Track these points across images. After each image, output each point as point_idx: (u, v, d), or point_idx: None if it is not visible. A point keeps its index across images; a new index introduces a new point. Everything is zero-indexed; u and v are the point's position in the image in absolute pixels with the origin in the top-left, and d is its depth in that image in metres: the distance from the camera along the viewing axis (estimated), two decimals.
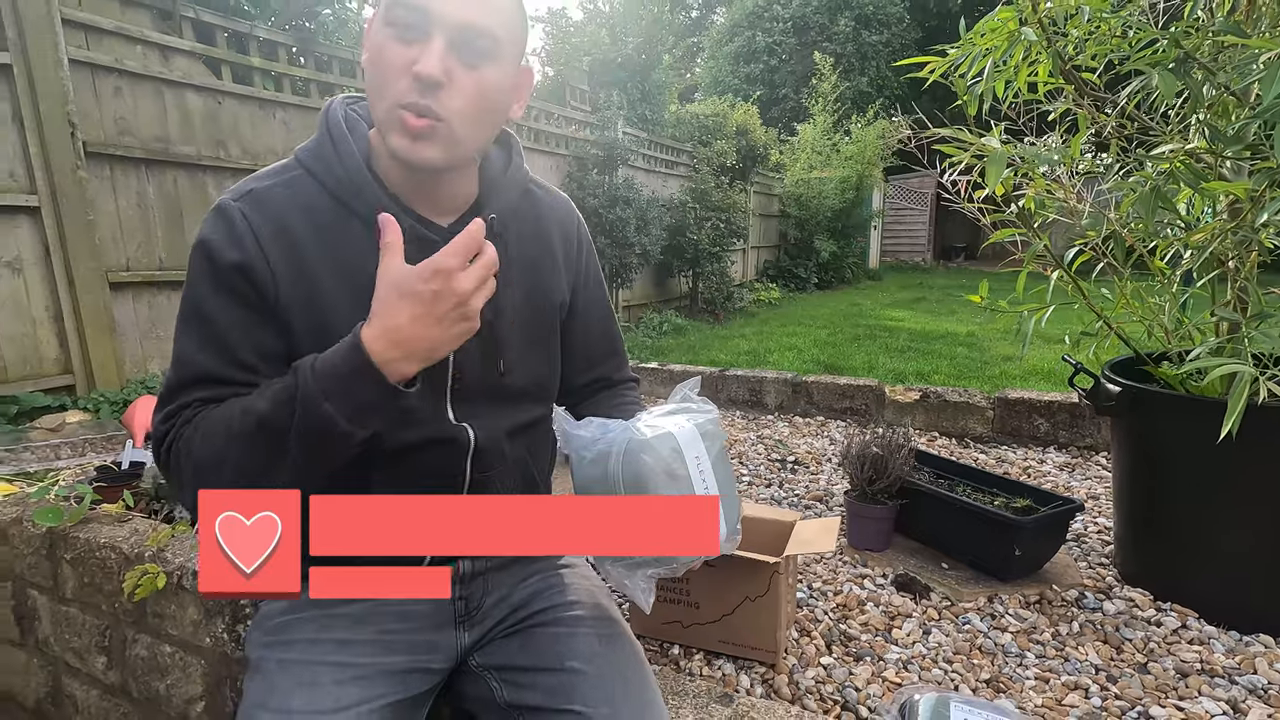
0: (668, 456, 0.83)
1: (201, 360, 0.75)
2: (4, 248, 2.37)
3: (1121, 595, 1.43)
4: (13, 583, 1.61)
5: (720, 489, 0.87)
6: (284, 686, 0.78)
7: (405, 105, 0.71)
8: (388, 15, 0.71)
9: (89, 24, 2.56)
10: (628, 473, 0.83)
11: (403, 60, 0.71)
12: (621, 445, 0.83)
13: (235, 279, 0.75)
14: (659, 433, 0.83)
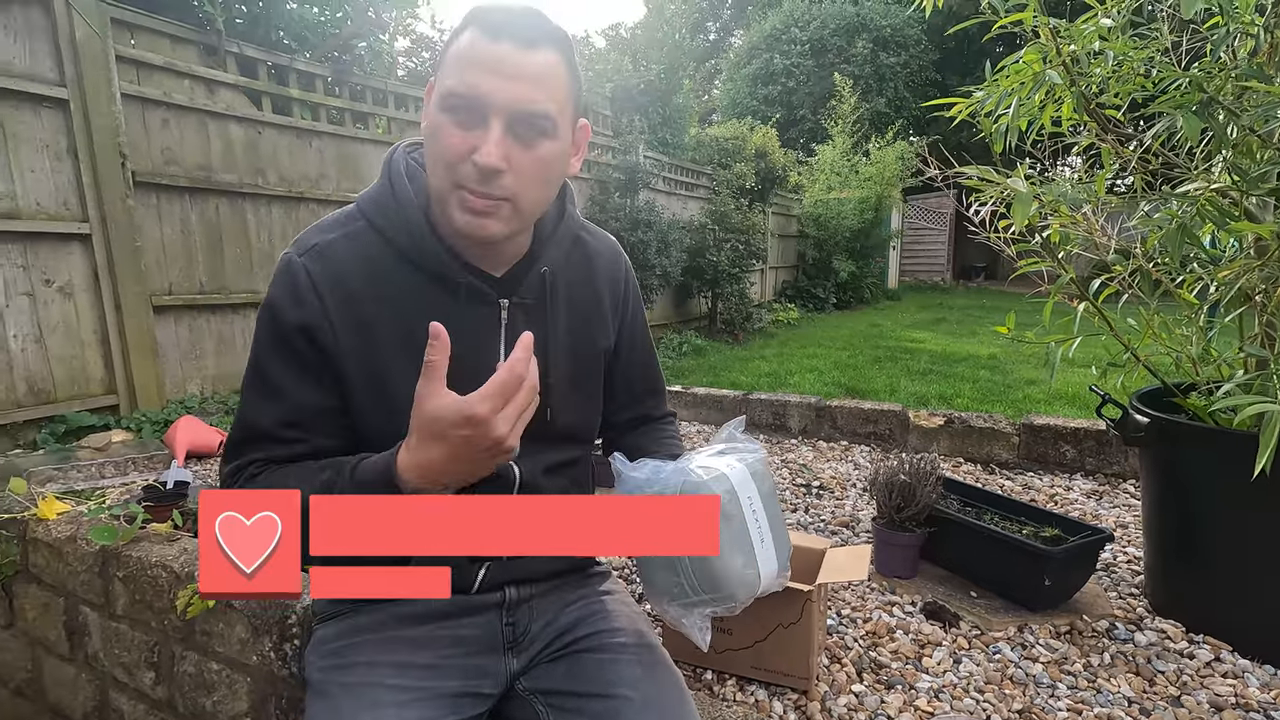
0: (724, 499, 0.86)
1: (261, 421, 0.82)
2: (57, 273, 2.48)
3: (1153, 627, 1.43)
4: (65, 599, 1.67)
5: (771, 527, 0.90)
6: (348, 708, 0.82)
7: (466, 187, 0.75)
8: (443, 101, 0.74)
9: (140, 60, 2.68)
10: None
11: (462, 146, 0.73)
12: (676, 487, 0.87)
13: (297, 340, 0.81)
14: (713, 474, 0.87)
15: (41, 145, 2.42)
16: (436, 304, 0.86)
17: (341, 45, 3.54)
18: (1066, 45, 1.27)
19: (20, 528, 1.71)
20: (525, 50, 0.73)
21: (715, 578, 0.88)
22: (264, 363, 0.82)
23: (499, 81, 0.72)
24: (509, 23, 0.73)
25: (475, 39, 0.73)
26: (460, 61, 0.73)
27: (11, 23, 2.33)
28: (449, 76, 0.74)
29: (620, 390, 1.08)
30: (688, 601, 0.90)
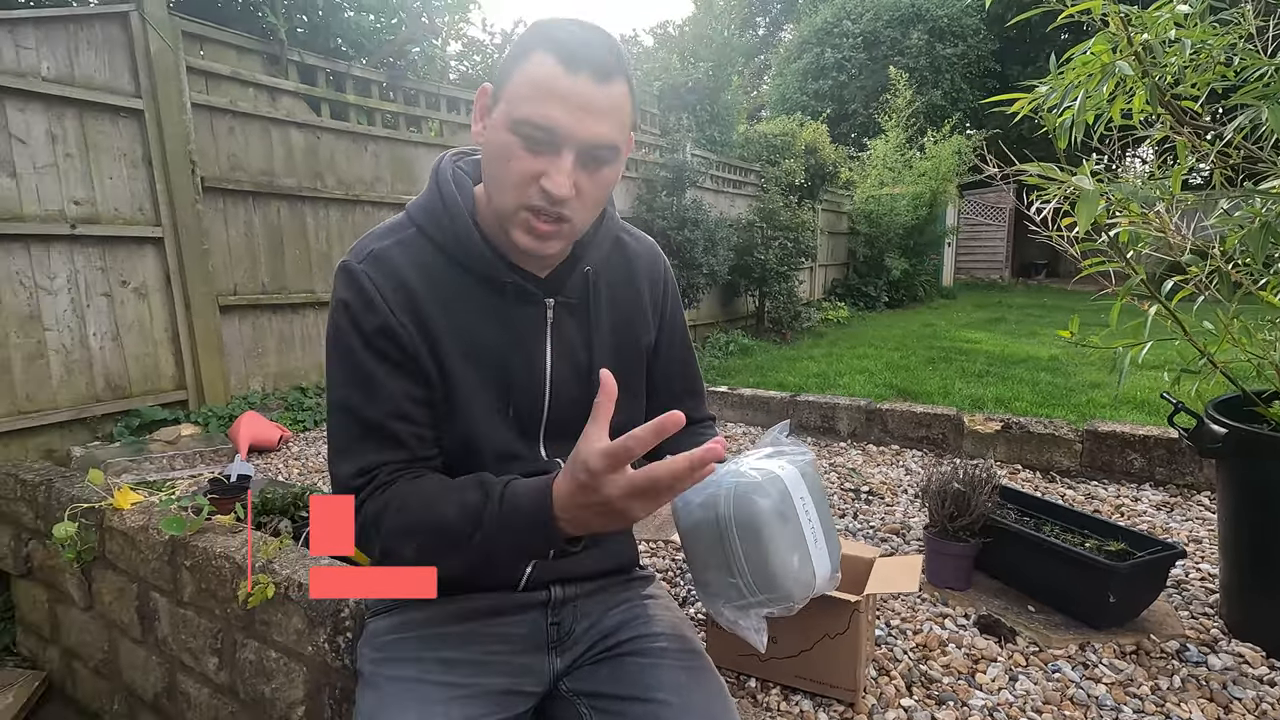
0: (778, 499, 0.86)
1: (373, 414, 0.83)
2: (133, 275, 2.61)
3: (1229, 650, 1.34)
4: (137, 585, 1.76)
5: (823, 528, 0.90)
6: (397, 702, 0.84)
7: (533, 209, 0.77)
8: (515, 127, 0.74)
9: (209, 70, 2.80)
10: (740, 514, 0.87)
11: (531, 170, 0.75)
12: (730, 488, 0.86)
13: (381, 341, 0.83)
14: (768, 475, 0.87)
15: (119, 154, 2.56)
16: (486, 304, 0.88)
17: (396, 51, 3.63)
18: (1139, 34, 1.21)
19: (98, 516, 1.81)
20: (601, 84, 0.74)
21: (773, 578, 0.88)
22: (357, 363, 0.83)
23: (577, 116, 0.74)
24: (587, 55, 0.74)
25: (553, 69, 0.73)
26: (538, 90, 0.73)
27: (93, 39, 2.47)
28: (526, 104, 0.74)
29: (659, 389, 1.08)
30: (744, 603, 0.90)
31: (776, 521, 0.87)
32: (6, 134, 2.27)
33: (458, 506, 0.77)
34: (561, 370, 0.93)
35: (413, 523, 0.79)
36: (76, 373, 2.48)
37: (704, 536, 0.91)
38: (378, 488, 0.82)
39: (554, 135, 0.74)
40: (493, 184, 0.81)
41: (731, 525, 0.88)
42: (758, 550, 0.88)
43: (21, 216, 2.31)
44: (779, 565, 0.88)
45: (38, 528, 2.00)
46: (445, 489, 0.81)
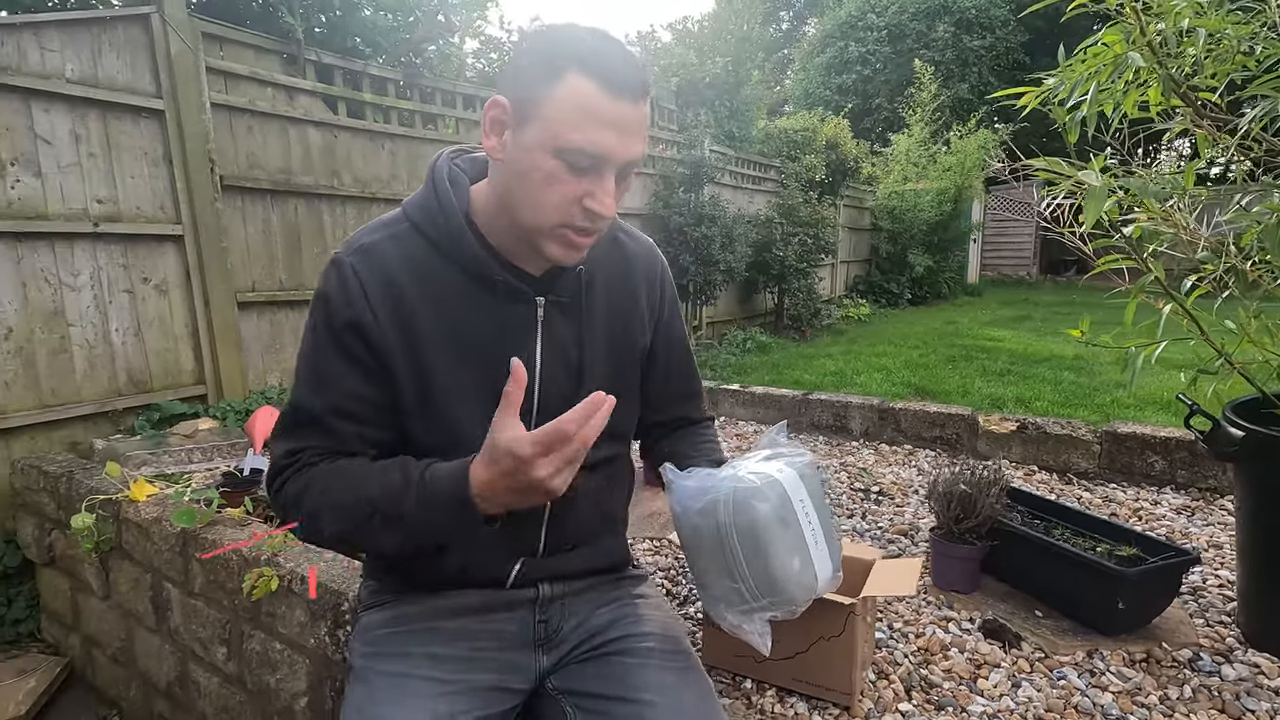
0: (778, 503, 0.86)
1: (316, 407, 0.85)
2: (154, 272, 2.67)
3: (1244, 660, 1.30)
4: (151, 575, 1.80)
5: (824, 529, 0.89)
6: (382, 695, 0.85)
7: (572, 227, 0.79)
8: (563, 153, 0.75)
9: (228, 71, 2.85)
10: (740, 520, 0.86)
11: (576, 192, 0.77)
12: (729, 493, 0.86)
13: (348, 337, 0.84)
14: (767, 479, 0.86)
15: (140, 153, 2.61)
16: (476, 301, 0.88)
17: (413, 48, 3.65)
18: (1153, 24, 1.17)
19: (115, 508, 1.85)
20: (637, 105, 0.77)
21: (775, 582, 0.88)
22: (318, 355, 0.86)
23: (622, 140, 0.76)
24: (626, 79, 0.75)
25: (598, 95, 0.73)
26: (583, 117, 0.74)
27: (115, 40, 2.52)
28: (574, 131, 0.74)
29: (656, 392, 1.07)
30: (746, 608, 0.90)
31: (777, 526, 0.87)
32: (32, 134, 2.33)
33: (380, 488, 0.80)
34: (552, 368, 0.93)
35: (334, 503, 0.82)
36: (99, 367, 2.54)
37: (704, 542, 0.90)
38: (301, 468, 0.85)
39: (602, 160, 0.75)
40: (524, 204, 0.80)
41: (732, 531, 0.88)
42: (758, 555, 0.87)
43: (46, 215, 2.37)
44: (780, 569, 0.88)
45: (59, 518, 2.05)
46: (367, 471, 0.83)
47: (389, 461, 0.84)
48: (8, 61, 2.27)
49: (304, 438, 0.86)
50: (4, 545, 2.27)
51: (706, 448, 1.09)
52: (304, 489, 0.83)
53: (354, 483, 0.82)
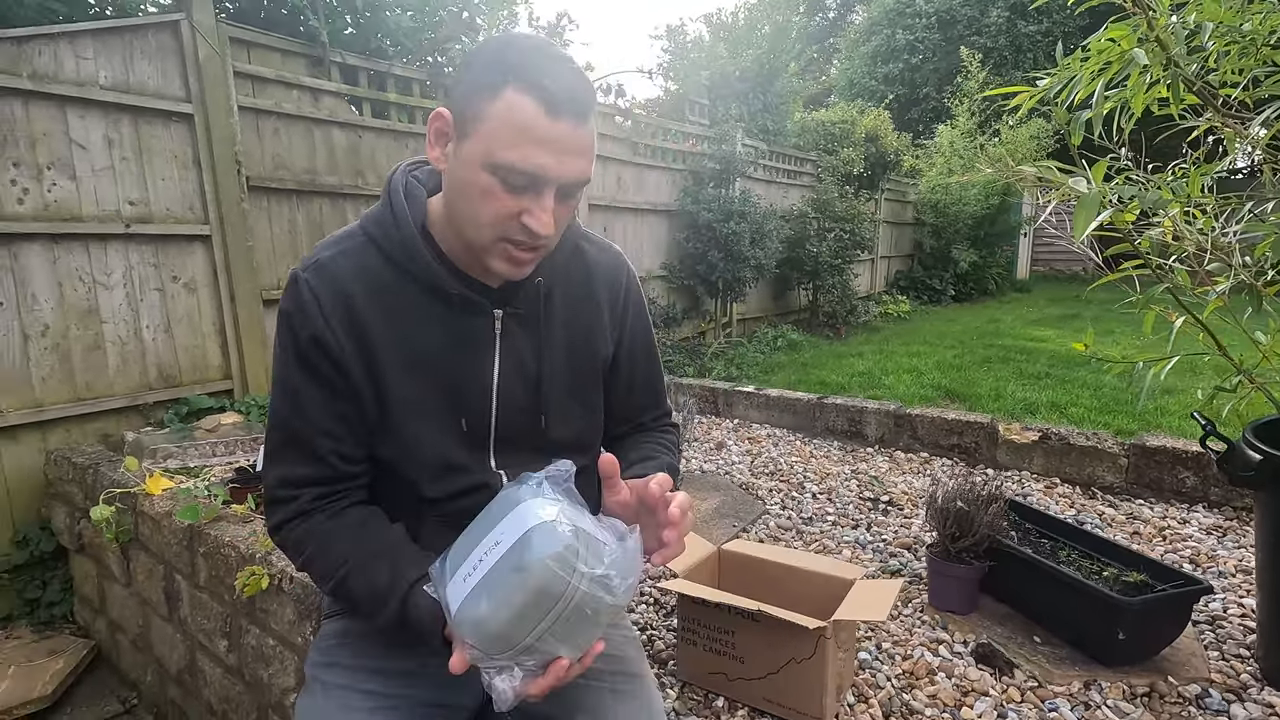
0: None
1: (294, 424, 0.86)
2: (183, 271, 2.77)
3: (1258, 699, 1.22)
4: (164, 566, 1.87)
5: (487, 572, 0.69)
6: (323, 708, 0.85)
7: (513, 242, 0.77)
8: (495, 170, 0.73)
9: (254, 74, 2.92)
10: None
11: (512, 209, 0.75)
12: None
13: (311, 353, 0.84)
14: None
15: (171, 156, 2.70)
16: (432, 314, 0.87)
17: (438, 47, 3.69)
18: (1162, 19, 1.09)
19: (132, 501, 1.93)
20: (579, 126, 0.74)
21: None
22: (288, 373, 0.86)
23: (560, 159, 0.74)
24: (568, 100, 0.72)
25: (534, 113, 0.71)
26: (521, 136, 0.72)
27: (146, 47, 2.61)
28: (508, 150, 0.72)
29: (618, 403, 1.04)
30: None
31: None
32: (68, 140, 2.43)
33: (366, 585, 0.81)
34: (509, 381, 0.92)
35: (326, 569, 0.84)
36: (131, 362, 2.64)
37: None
38: (300, 514, 0.85)
39: (537, 179, 0.73)
40: (464, 218, 0.79)
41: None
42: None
43: (81, 217, 2.48)
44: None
45: (86, 507, 2.15)
46: (362, 556, 0.83)
47: (380, 543, 0.85)
48: (46, 70, 2.37)
49: (292, 463, 0.87)
50: (40, 532, 2.39)
51: (645, 445, 1.04)
52: (301, 542, 0.85)
53: (344, 559, 0.83)
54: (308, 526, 0.84)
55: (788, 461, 2.49)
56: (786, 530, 1.96)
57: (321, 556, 0.83)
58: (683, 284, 5.66)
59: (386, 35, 3.50)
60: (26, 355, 2.38)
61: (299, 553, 0.85)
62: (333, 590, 0.83)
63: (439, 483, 0.89)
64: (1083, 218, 0.96)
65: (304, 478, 0.85)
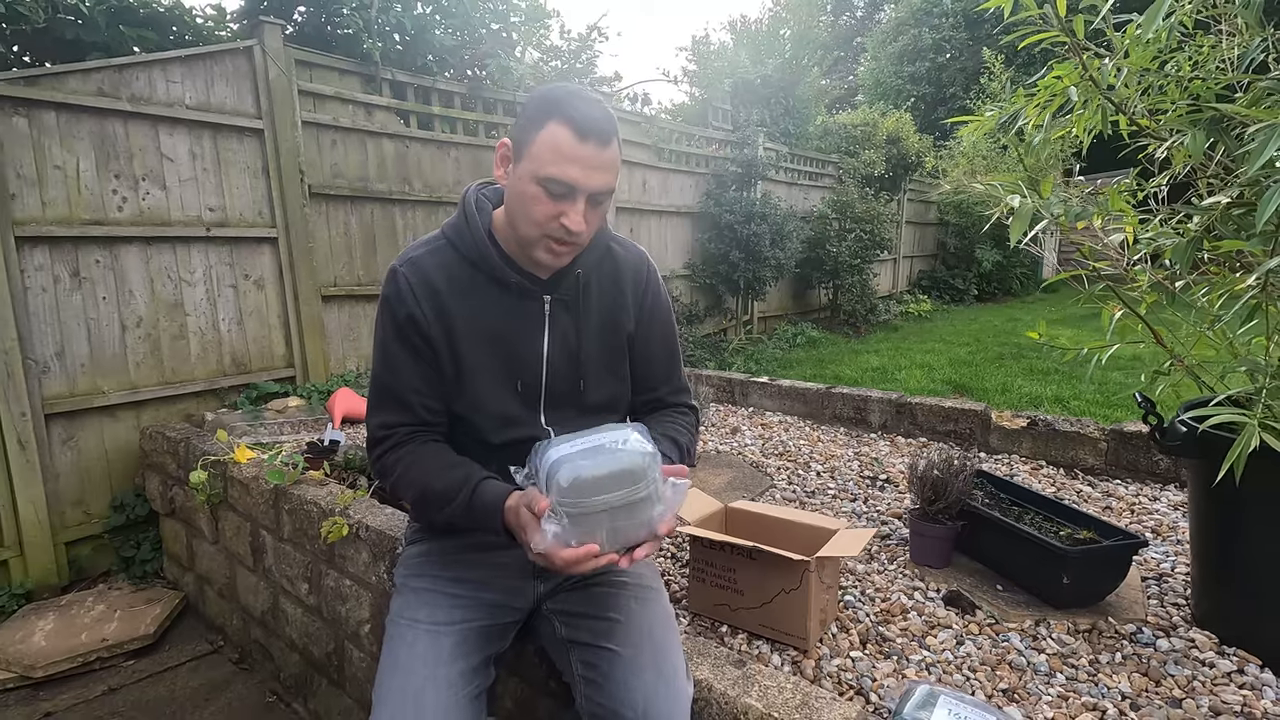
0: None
1: (391, 384, 1.13)
2: (253, 269, 3.09)
3: (1183, 635, 1.43)
4: (250, 523, 2.17)
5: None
6: (415, 603, 1.13)
7: (553, 238, 1.04)
8: (541, 181, 0.99)
9: (315, 92, 3.24)
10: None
11: (553, 212, 1.02)
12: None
13: (407, 329, 1.12)
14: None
15: (244, 167, 3.03)
16: (497, 299, 1.14)
17: (477, 62, 3.98)
18: (1095, 61, 1.31)
19: (222, 468, 2.24)
20: (603, 148, 1.01)
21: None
22: (387, 343, 1.13)
23: (587, 173, 1.00)
24: (593, 127, 0.99)
25: (568, 138, 0.98)
26: (556, 155, 0.99)
27: (224, 70, 2.94)
28: (550, 165, 0.99)
29: (639, 375, 1.29)
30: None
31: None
32: (159, 154, 2.77)
33: (443, 482, 1.07)
34: (556, 352, 1.18)
35: (413, 479, 1.10)
36: (209, 351, 2.97)
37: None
38: (396, 444, 1.12)
39: (570, 189, 1.00)
40: (518, 219, 1.06)
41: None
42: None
43: (169, 222, 2.81)
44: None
45: (179, 476, 2.47)
46: (440, 464, 1.10)
47: (458, 458, 1.11)
48: (142, 93, 2.70)
49: (390, 411, 1.14)
50: (135, 498, 2.73)
51: (664, 424, 1.25)
52: (395, 464, 1.12)
53: (427, 470, 1.09)
54: (400, 453, 1.12)
55: (796, 444, 2.72)
56: (791, 501, 2.19)
57: (410, 469, 1.10)
58: (705, 283, 5.89)
59: (431, 53, 3.80)
60: (124, 343, 2.72)
61: (392, 471, 1.11)
62: (418, 494, 1.09)
63: (500, 432, 1.15)
64: (1018, 227, 1.19)
65: (398, 421, 1.13)
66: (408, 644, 1.05)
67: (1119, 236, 1.49)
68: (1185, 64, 1.33)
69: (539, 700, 1.38)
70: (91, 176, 2.59)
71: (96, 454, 2.70)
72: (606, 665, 1.03)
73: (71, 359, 2.59)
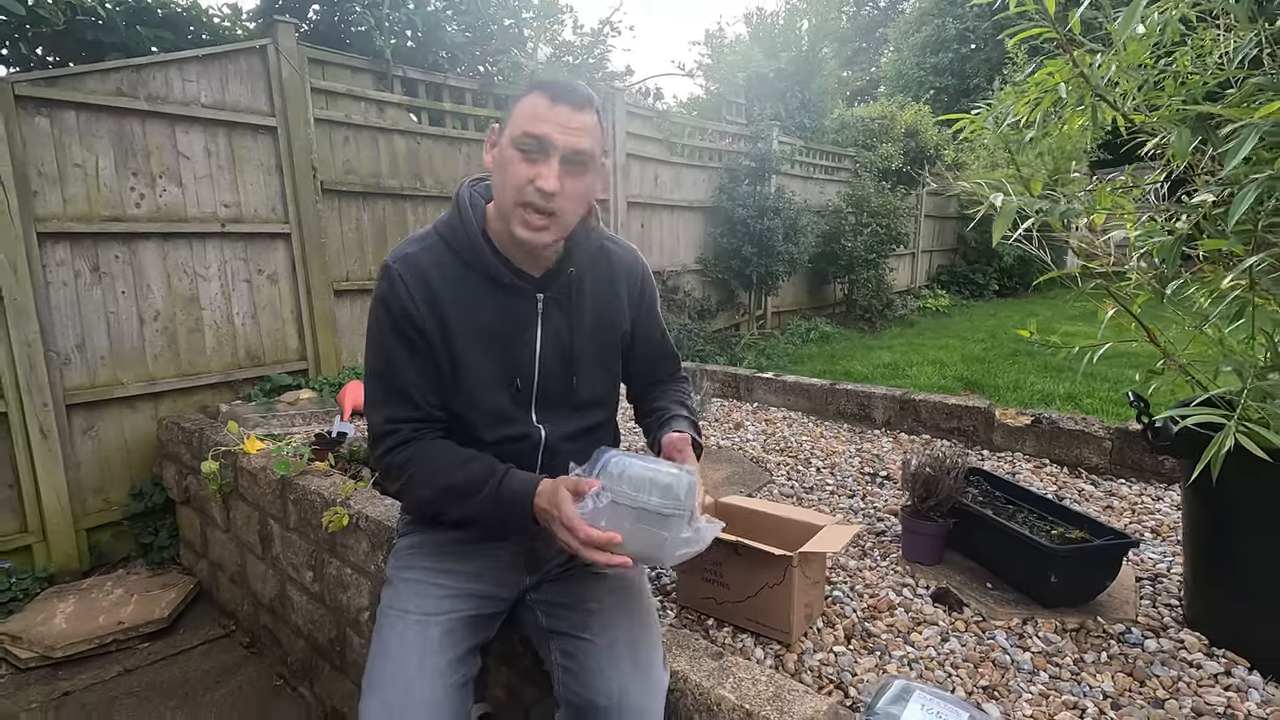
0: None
1: (390, 378, 1.14)
2: (267, 264, 3.16)
3: (1173, 636, 1.42)
4: (259, 513, 2.23)
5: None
6: (405, 595, 1.16)
7: (529, 205, 1.05)
8: (516, 141, 1.03)
9: (328, 90, 3.29)
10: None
11: (528, 174, 1.04)
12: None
13: (402, 323, 1.12)
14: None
15: (258, 164, 3.09)
16: (491, 297, 1.16)
17: (488, 58, 4.02)
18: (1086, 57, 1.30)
19: (233, 458, 2.30)
20: (576, 111, 1.04)
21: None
22: (384, 339, 1.14)
23: (560, 130, 1.03)
24: (565, 92, 1.04)
25: (541, 101, 1.04)
26: (531, 117, 1.03)
27: (239, 69, 3.00)
28: (523, 124, 1.03)
29: (642, 367, 1.36)
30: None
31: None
32: (175, 152, 2.84)
33: (464, 476, 1.09)
34: (549, 350, 1.20)
35: (428, 477, 1.11)
36: (224, 344, 3.05)
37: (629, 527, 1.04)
38: (404, 441, 1.13)
39: (543, 144, 1.03)
40: (498, 190, 1.09)
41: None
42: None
43: (185, 218, 2.88)
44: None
45: (193, 465, 2.55)
46: (457, 460, 1.11)
47: (470, 452, 1.13)
48: (159, 92, 2.77)
49: (394, 406, 1.14)
50: (153, 486, 2.81)
51: (670, 393, 1.36)
52: (406, 462, 1.12)
53: (444, 466, 1.11)
54: (411, 449, 1.13)
55: (798, 440, 2.73)
56: (788, 497, 2.20)
57: (423, 466, 1.11)
58: (717, 277, 5.89)
59: (443, 49, 3.84)
60: (142, 336, 2.80)
61: (403, 470, 1.12)
62: (436, 490, 1.10)
63: (492, 429, 1.18)
64: (1000, 224, 1.19)
65: (404, 416, 1.14)
66: (398, 634, 1.08)
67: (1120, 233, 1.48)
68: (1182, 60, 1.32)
69: (526, 688, 1.41)
70: (110, 174, 2.67)
71: (116, 443, 2.78)
72: (583, 654, 1.06)
73: (92, 351, 2.67)
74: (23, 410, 2.49)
